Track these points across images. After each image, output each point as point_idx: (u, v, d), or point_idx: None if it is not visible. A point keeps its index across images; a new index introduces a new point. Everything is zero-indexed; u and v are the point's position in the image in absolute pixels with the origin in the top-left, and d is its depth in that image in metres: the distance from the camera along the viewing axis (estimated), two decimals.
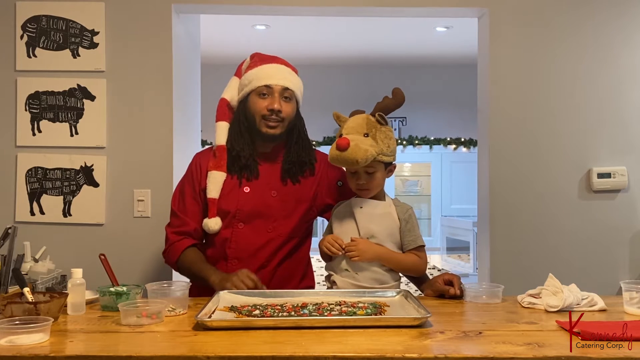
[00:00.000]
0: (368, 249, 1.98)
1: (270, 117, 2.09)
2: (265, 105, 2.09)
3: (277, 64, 2.16)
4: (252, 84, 2.11)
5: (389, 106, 2.03)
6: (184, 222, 2.15)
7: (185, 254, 2.12)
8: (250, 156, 2.13)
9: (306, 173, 2.19)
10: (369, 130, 2.00)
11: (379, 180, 2.03)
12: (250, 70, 2.14)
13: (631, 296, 1.78)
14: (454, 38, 5.58)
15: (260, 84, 2.10)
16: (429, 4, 2.85)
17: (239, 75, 2.21)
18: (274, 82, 2.09)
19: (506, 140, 2.86)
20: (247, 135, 2.14)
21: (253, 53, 2.23)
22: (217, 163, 2.13)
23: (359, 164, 1.94)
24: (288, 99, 2.12)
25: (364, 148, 1.94)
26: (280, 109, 2.09)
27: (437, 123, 6.73)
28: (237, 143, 2.13)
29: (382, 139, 2.00)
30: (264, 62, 2.15)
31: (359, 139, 1.97)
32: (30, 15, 2.77)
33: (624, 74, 2.87)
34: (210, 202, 2.11)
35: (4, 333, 1.46)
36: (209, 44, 4.97)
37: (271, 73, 2.11)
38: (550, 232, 2.86)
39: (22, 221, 2.73)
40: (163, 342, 1.49)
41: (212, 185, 2.12)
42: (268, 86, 2.09)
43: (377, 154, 1.97)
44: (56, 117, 2.77)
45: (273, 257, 2.12)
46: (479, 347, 1.43)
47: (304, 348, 1.40)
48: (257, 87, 2.10)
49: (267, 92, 2.10)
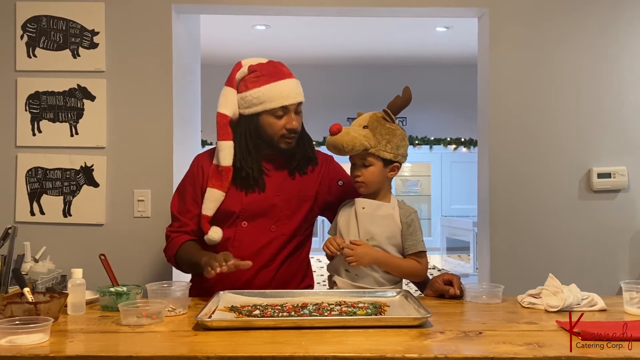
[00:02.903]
0: (366, 254, 1.97)
1: (289, 135, 2.08)
2: (282, 124, 2.07)
3: (287, 80, 2.09)
4: (265, 105, 2.05)
5: (396, 104, 2.03)
6: (183, 224, 2.15)
7: (182, 247, 2.12)
8: (258, 174, 2.10)
9: (308, 170, 2.19)
10: (370, 124, 2.01)
11: (374, 175, 2.01)
12: (257, 87, 2.06)
13: (631, 296, 1.78)
14: (454, 38, 5.58)
15: (276, 105, 2.05)
16: (429, 4, 2.85)
17: (232, 85, 2.11)
18: (289, 102, 2.06)
19: (506, 140, 2.86)
20: (255, 151, 2.10)
21: (250, 65, 2.12)
22: (221, 183, 2.08)
23: (345, 150, 1.97)
24: (299, 112, 2.11)
25: (353, 135, 1.96)
26: (297, 127, 2.09)
27: (437, 123, 6.73)
28: (246, 163, 2.08)
29: (382, 134, 1.99)
30: (270, 77, 2.07)
31: (354, 128, 2.01)
32: (31, 15, 2.77)
33: (624, 74, 2.87)
34: (204, 219, 2.09)
35: (4, 333, 1.46)
36: (209, 44, 4.97)
37: (285, 93, 2.06)
38: (550, 232, 2.86)
39: (22, 221, 2.73)
40: (163, 342, 1.49)
41: (210, 204, 2.08)
42: (284, 107, 2.06)
43: (370, 147, 1.98)
44: (56, 117, 2.77)
45: (276, 256, 2.11)
46: (479, 347, 1.44)
47: (304, 348, 1.40)
48: (273, 108, 2.05)
49: (284, 112, 2.07)
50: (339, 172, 2.25)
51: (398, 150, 2.02)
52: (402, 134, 2.04)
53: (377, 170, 2.02)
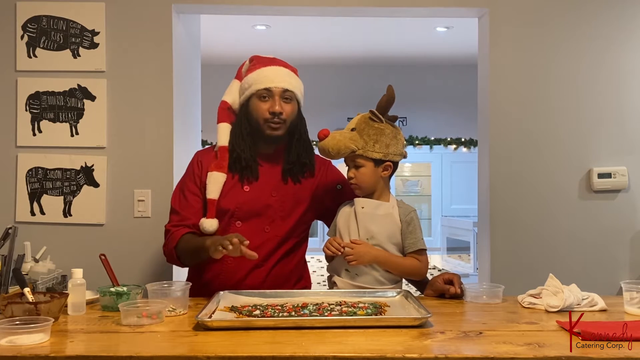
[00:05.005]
0: (366, 253, 1.97)
1: (273, 120, 2.11)
2: (266, 108, 2.11)
3: (276, 66, 2.17)
4: (252, 88, 2.14)
5: (381, 103, 2.04)
6: (183, 218, 2.15)
7: (183, 238, 2.12)
8: (251, 158, 2.15)
9: (306, 174, 2.20)
10: (358, 126, 2.03)
11: (366, 176, 2.02)
12: (250, 73, 2.16)
13: (631, 296, 1.78)
14: (454, 38, 5.58)
15: (260, 87, 2.12)
16: (429, 4, 2.85)
17: (239, 78, 2.23)
18: (274, 85, 2.11)
19: (506, 140, 2.86)
20: (249, 138, 2.15)
21: (252, 55, 2.24)
22: (219, 164, 2.15)
23: (331, 154, 2.02)
24: (288, 100, 2.13)
25: (338, 139, 2.00)
26: (281, 111, 2.10)
27: (437, 123, 6.72)
28: (239, 145, 2.15)
29: (369, 135, 2.00)
30: (263, 65, 2.17)
31: (341, 132, 2.05)
32: (31, 15, 2.77)
33: (624, 74, 2.87)
34: (210, 203, 2.11)
35: (4, 333, 1.46)
36: (209, 44, 4.97)
37: (270, 76, 2.13)
38: (550, 232, 2.86)
39: (23, 221, 2.73)
40: (163, 342, 1.49)
41: (213, 185, 2.12)
42: (268, 89, 2.11)
43: (358, 148, 2.00)
44: (56, 117, 2.77)
45: (269, 257, 2.12)
46: (479, 347, 1.44)
47: (304, 348, 1.40)
48: (257, 90, 2.12)
49: (268, 95, 2.11)
50: (337, 175, 2.26)
51: (388, 149, 2.02)
52: (392, 133, 2.04)
53: (369, 171, 2.02)
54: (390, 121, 2.06)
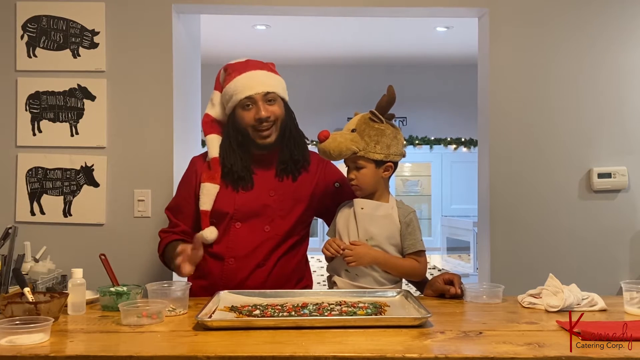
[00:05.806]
0: (365, 254, 1.97)
1: (261, 126, 2.10)
2: (252, 115, 2.10)
3: (252, 71, 2.13)
4: (233, 99, 2.11)
5: (381, 103, 2.04)
6: (174, 225, 2.20)
7: (168, 247, 2.15)
8: (243, 169, 2.14)
9: (302, 171, 2.20)
10: (358, 127, 2.02)
11: (367, 177, 2.02)
12: (228, 84, 2.14)
13: (631, 296, 1.78)
14: (454, 38, 5.58)
15: (241, 96, 2.09)
16: (429, 4, 2.85)
17: (218, 89, 2.21)
18: (254, 92, 2.08)
19: (506, 140, 2.86)
20: (239, 150, 2.15)
21: (226, 64, 2.21)
22: (211, 175, 2.14)
23: (333, 156, 2.00)
24: (272, 102, 2.12)
25: (339, 141, 1.99)
26: (268, 115, 2.09)
27: (437, 123, 6.73)
28: (229, 159, 2.14)
29: (370, 136, 2.00)
30: (238, 73, 2.13)
31: (342, 133, 2.03)
32: (31, 15, 2.77)
33: (624, 74, 2.86)
34: (203, 214, 2.12)
35: (4, 333, 1.46)
36: (209, 44, 4.97)
37: (248, 83, 2.10)
38: (550, 232, 2.85)
39: (23, 221, 2.73)
40: (163, 342, 1.49)
41: (206, 197, 2.12)
42: (249, 97, 2.09)
43: (359, 150, 1.99)
44: (56, 117, 2.77)
45: (269, 257, 2.12)
46: (479, 347, 1.44)
47: (304, 348, 1.40)
48: (240, 100, 2.10)
49: (250, 102, 2.09)
50: (335, 173, 2.26)
51: (389, 150, 2.01)
52: (392, 133, 2.03)
53: (370, 172, 2.02)
54: (389, 121, 2.05)
